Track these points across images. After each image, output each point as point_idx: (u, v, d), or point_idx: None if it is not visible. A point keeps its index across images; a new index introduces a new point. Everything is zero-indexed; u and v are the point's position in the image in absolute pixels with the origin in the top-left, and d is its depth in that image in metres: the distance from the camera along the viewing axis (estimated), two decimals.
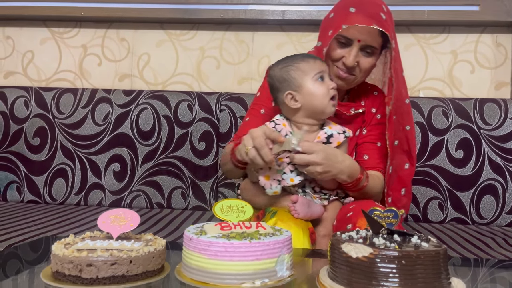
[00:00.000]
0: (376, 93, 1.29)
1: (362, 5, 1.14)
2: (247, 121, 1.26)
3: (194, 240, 0.69)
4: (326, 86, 1.09)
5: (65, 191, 1.75)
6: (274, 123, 1.12)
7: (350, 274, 0.64)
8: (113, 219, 0.76)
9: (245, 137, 1.02)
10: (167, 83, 1.96)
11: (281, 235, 0.73)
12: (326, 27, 1.18)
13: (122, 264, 0.66)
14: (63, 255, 0.67)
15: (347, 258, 0.64)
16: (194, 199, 1.73)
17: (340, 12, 1.17)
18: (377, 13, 1.13)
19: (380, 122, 1.24)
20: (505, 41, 1.84)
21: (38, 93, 1.82)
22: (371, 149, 1.23)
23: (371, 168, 1.20)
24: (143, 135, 1.75)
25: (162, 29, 1.96)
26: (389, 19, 1.16)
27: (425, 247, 0.64)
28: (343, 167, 1.06)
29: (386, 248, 0.62)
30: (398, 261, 0.60)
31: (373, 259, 0.61)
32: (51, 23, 1.99)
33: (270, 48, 1.92)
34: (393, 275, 0.60)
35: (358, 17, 1.12)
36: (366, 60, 1.16)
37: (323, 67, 1.11)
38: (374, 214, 0.71)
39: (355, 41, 1.14)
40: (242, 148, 1.02)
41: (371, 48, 1.15)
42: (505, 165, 1.62)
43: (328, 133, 1.10)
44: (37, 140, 1.78)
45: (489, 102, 1.67)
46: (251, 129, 1.03)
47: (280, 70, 1.12)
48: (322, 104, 1.08)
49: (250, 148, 0.99)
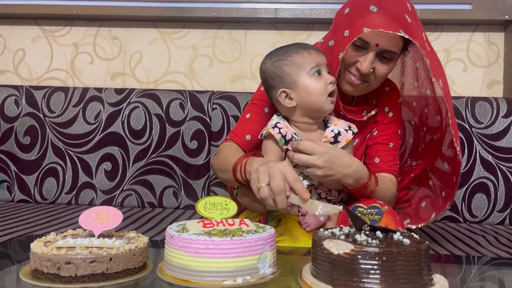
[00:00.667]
0: (388, 88, 1.16)
1: (384, 2, 0.98)
2: (248, 118, 1.13)
3: (176, 237, 0.69)
4: (323, 81, 0.98)
5: (56, 190, 1.74)
6: (278, 128, 1.00)
7: (332, 271, 0.63)
8: (95, 217, 0.75)
9: (261, 170, 0.87)
10: (159, 81, 1.95)
11: (264, 232, 0.72)
12: (341, 25, 1.04)
13: (101, 261, 0.66)
14: (42, 253, 0.66)
15: (329, 254, 0.63)
16: (186, 198, 1.72)
17: (358, 9, 1.01)
18: (402, 14, 0.97)
19: (393, 121, 1.14)
20: (498, 39, 1.84)
21: (29, 91, 1.81)
22: (383, 150, 1.13)
23: (383, 171, 1.11)
24: (134, 134, 1.74)
25: (155, 28, 1.95)
26: (415, 21, 1.00)
27: (406, 244, 0.63)
28: (349, 171, 0.96)
29: (367, 245, 0.62)
30: (379, 257, 0.60)
31: (354, 256, 0.61)
32: (42, 22, 1.98)
33: (263, 46, 1.91)
34: (374, 272, 0.60)
35: (381, 19, 0.96)
36: (383, 66, 1.03)
37: (319, 59, 0.99)
38: (358, 211, 0.70)
39: (373, 45, 1.00)
40: (254, 181, 0.88)
41: (390, 53, 1.02)
42: (496, 163, 1.61)
43: (335, 132, 1.02)
44: (27, 139, 1.77)
45: (481, 101, 1.67)
46: (271, 163, 0.88)
47: (272, 65, 1.01)
48: (319, 102, 0.98)
49: (264, 186, 0.86)
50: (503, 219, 1.60)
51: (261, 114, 1.12)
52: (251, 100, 1.17)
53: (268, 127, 1.02)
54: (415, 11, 1.03)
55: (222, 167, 1.06)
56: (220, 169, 1.08)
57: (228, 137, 1.14)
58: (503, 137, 1.62)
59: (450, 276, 0.84)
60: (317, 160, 0.94)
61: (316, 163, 0.94)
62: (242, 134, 1.11)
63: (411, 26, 0.98)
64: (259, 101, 1.14)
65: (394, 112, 1.15)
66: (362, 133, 1.14)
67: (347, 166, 0.96)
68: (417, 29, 1.00)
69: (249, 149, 1.11)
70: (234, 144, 1.11)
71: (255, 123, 1.11)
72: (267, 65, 1.03)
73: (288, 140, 1.00)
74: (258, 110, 1.13)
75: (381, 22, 0.96)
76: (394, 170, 1.13)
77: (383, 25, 0.95)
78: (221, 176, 1.10)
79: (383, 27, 0.95)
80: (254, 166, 0.91)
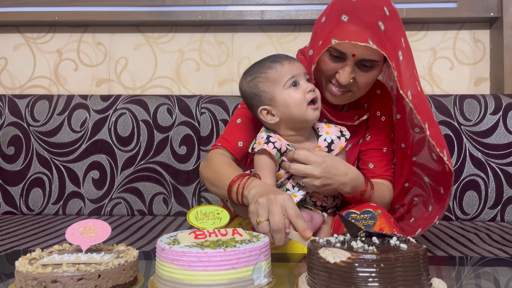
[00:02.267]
0: (379, 91, 1.13)
1: (357, 11, 0.94)
2: (239, 123, 1.09)
3: (167, 250, 0.67)
4: (301, 90, 0.95)
5: (42, 201, 1.70)
6: (272, 143, 0.96)
7: (328, 280, 0.61)
8: (82, 231, 0.72)
9: (261, 201, 0.83)
10: (146, 87, 1.92)
11: (258, 241, 0.70)
12: (317, 34, 1.02)
13: (89, 279, 0.63)
14: (27, 272, 0.63)
15: (325, 263, 0.61)
16: (176, 205, 1.69)
17: (331, 19, 0.98)
18: (375, 22, 0.93)
19: (385, 125, 1.12)
20: (483, 37, 1.86)
21: (12, 100, 1.76)
22: (377, 156, 1.11)
23: (378, 177, 1.09)
24: (122, 141, 1.71)
25: (139, 32, 1.92)
26: (392, 26, 0.95)
27: (404, 249, 0.62)
28: (346, 180, 0.95)
29: (364, 252, 0.61)
30: (377, 264, 0.59)
31: (352, 264, 0.59)
32: (24, 29, 1.94)
33: (250, 49, 1.90)
34: (372, 279, 0.59)
35: (350, 29, 0.93)
36: (365, 75, 0.99)
37: (294, 69, 0.96)
38: (351, 217, 0.69)
39: (349, 55, 0.96)
40: (254, 214, 0.85)
41: (370, 61, 0.97)
42: (486, 160, 1.62)
43: (328, 140, 1.00)
44: (11, 149, 1.73)
45: (469, 98, 1.68)
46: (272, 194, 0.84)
47: (248, 84, 0.99)
48: (301, 113, 0.95)
49: (264, 221, 0.83)
50: (494, 216, 1.61)
51: (252, 118, 1.09)
52: (241, 104, 1.14)
53: (260, 141, 0.98)
54: (396, 14, 0.98)
55: (213, 180, 1.02)
56: (211, 182, 1.03)
57: (218, 144, 1.09)
58: (492, 134, 1.63)
59: (448, 278, 0.84)
60: (314, 170, 0.92)
61: (314, 173, 0.92)
62: (234, 141, 1.07)
63: (384, 34, 0.94)
64: None
65: (386, 116, 1.13)
66: (355, 137, 1.12)
67: (344, 175, 0.95)
68: (392, 37, 0.95)
69: (241, 156, 1.09)
70: (225, 152, 1.07)
71: (247, 129, 1.08)
72: (244, 85, 1.01)
73: (283, 153, 0.98)
74: (249, 114, 1.09)
75: (350, 32, 0.93)
76: (388, 175, 1.11)
77: (351, 36, 0.92)
78: (211, 189, 1.05)
79: (351, 38, 0.92)
80: (252, 194, 0.87)
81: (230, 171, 0.97)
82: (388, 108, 1.13)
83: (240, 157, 1.08)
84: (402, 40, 0.99)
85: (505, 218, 1.60)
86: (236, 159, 1.08)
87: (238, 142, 1.07)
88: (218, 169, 1.01)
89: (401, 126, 1.09)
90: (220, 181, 0.98)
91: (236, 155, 1.08)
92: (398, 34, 0.98)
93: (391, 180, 1.11)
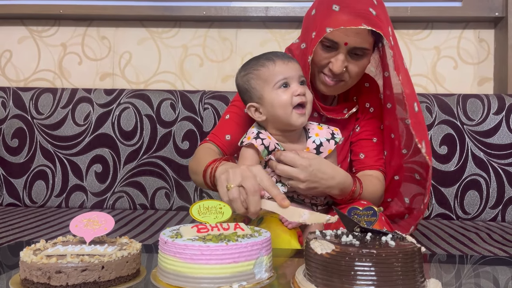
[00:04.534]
0: (367, 84, 1.15)
1: (346, 0, 0.98)
2: (228, 119, 1.11)
3: (169, 243, 0.67)
4: (289, 93, 0.93)
5: (45, 193, 1.71)
6: (261, 139, 0.96)
7: (316, 270, 0.63)
8: (86, 223, 0.73)
9: (232, 171, 0.83)
10: (149, 81, 1.93)
11: (259, 236, 0.71)
12: (309, 27, 1.04)
13: (93, 270, 0.64)
14: (31, 262, 0.64)
15: (314, 254, 0.64)
16: (178, 200, 1.70)
17: (322, 10, 1.01)
18: (366, 8, 0.97)
19: (374, 116, 1.13)
20: (488, 36, 1.85)
21: (16, 93, 1.77)
22: (367, 146, 1.12)
23: (368, 167, 1.10)
24: (125, 135, 1.72)
25: (144, 27, 1.92)
26: (382, 12, 0.99)
27: (391, 246, 0.62)
28: (333, 183, 0.95)
29: (348, 245, 0.62)
30: (358, 258, 0.60)
31: (335, 256, 0.61)
32: (29, 22, 1.94)
33: (253, 45, 1.90)
34: (354, 272, 0.60)
35: (342, 17, 0.96)
36: (357, 63, 1.02)
37: (287, 71, 0.94)
38: (354, 213, 0.70)
39: (342, 44, 0.99)
40: (223, 182, 0.84)
41: (361, 50, 1.00)
42: (488, 160, 1.62)
43: (317, 143, 0.99)
44: (15, 142, 1.74)
45: (472, 98, 1.67)
46: (244, 166, 0.84)
47: (241, 79, 0.99)
48: (285, 115, 0.94)
49: (234, 186, 0.81)
50: (495, 216, 1.61)
51: (240, 115, 1.10)
52: (231, 102, 1.16)
53: (250, 136, 0.98)
54: (383, 4, 1.01)
55: (195, 168, 1.03)
56: (193, 170, 1.05)
57: (207, 138, 1.11)
58: (495, 134, 1.63)
59: (447, 276, 0.84)
60: (300, 173, 0.92)
61: (299, 177, 0.92)
62: (222, 134, 1.09)
63: (376, 18, 0.97)
64: (239, 102, 1.11)
65: (375, 107, 1.14)
66: (345, 131, 1.13)
67: (331, 178, 0.94)
68: (384, 20, 0.99)
69: (229, 150, 1.09)
70: (212, 145, 1.08)
71: (234, 123, 1.09)
72: (238, 79, 1.01)
73: (271, 151, 0.98)
74: (238, 111, 1.11)
75: (343, 20, 0.95)
76: (379, 166, 1.12)
77: (345, 23, 0.95)
78: (194, 178, 1.06)
79: (345, 24, 0.95)
80: (221, 169, 0.88)
81: (210, 158, 0.98)
82: (377, 99, 1.14)
83: (228, 150, 1.09)
84: (389, 29, 1.02)
85: (506, 218, 1.60)
86: (223, 152, 1.09)
87: (225, 135, 1.09)
88: (200, 158, 1.02)
89: (391, 115, 1.10)
90: (198, 167, 0.99)
91: (224, 148, 1.09)
92: (386, 23, 1.01)
93: (383, 170, 1.11)
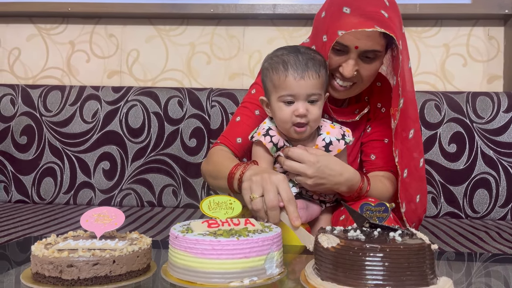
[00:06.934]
0: (379, 83, 1.13)
1: (358, 2, 0.95)
2: (238, 121, 1.10)
3: (180, 238, 0.67)
4: (291, 110, 0.92)
5: (53, 190, 1.72)
6: (270, 136, 0.97)
7: (323, 264, 0.64)
8: (96, 218, 0.73)
9: (255, 179, 0.86)
10: (157, 79, 1.93)
11: (270, 231, 0.70)
12: (319, 29, 1.02)
13: (104, 264, 0.64)
14: (43, 256, 0.64)
15: (321, 248, 0.64)
16: (185, 197, 1.70)
17: (332, 12, 0.98)
18: (377, 11, 0.94)
19: (386, 116, 1.10)
20: (497, 34, 1.83)
21: (25, 90, 1.78)
22: (378, 147, 1.10)
23: (379, 169, 1.09)
24: (132, 133, 1.72)
25: (151, 25, 1.93)
26: (394, 15, 0.96)
27: (398, 242, 0.62)
28: (341, 180, 0.94)
29: (354, 240, 0.62)
30: (362, 253, 0.60)
31: (340, 250, 0.62)
32: (37, 19, 1.95)
33: (261, 43, 1.89)
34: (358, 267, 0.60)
35: (353, 20, 0.93)
36: (368, 66, 0.99)
37: (296, 89, 0.91)
38: (366, 208, 0.69)
39: (352, 47, 0.96)
40: (247, 190, 0.87)
41: (373, 52, 0.98)
42: (498, 158, 1.61)
43: (327, 141, 0.98)
44: (24, 139, 1.75)
45: (482, 96, 1.66)
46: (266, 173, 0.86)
47: (264, 65, 0.98)
48: (285, 128, 0.95)
49: (258, 197, 0.84)
50: (505, 215, 1.60)
51: (251, 117, 1.09)
52: (242, 103, 1.15)
53: (260, 132, 0.99)
54: (395, 5, 0.99)
55: (214, 173, 1.03)
56: (212, 175, 1.04)
57: (218, 141, 1.11)
58: (504, 132, 1.62)
59: (457, 274, 0.83)
60: (307, 169, 0.91)
61: (306, 172, 0.92)
62: (233, 137, 1.09)
63: (389, 20, 0.94)
64: (249, 104, 1.11)
65: (386, 107, 1.11)
66: (356, 131, 1.11)
67: (339, 175, 0.94)
68: (396, 23, 0.96)
69: (241, 153, 1.09)
70: (225, 148, 1.08)
71: (246, 126, 1.09)
72: (264, 63, 1.00)
73: (280, 147, 0.98)
74: (249, 113, 1.10)
75: (354, 23, 0.93)
76: (391, 167, 1.10)
77: (356, 25, 0.92)
78: (212, 183, 1.06)
79: (357, 27, 0.92)
80: (247, 175, 0.89)
81: (230, 162, 0.98)
82: (388, 99, 1.11)
83: (240, 153, 1.09)
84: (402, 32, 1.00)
85: None
86: (235, 155, 1.08)
87: (237, 138, 1.08)
88: (218, 163, 1.02)
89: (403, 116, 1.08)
90: (220, 172, 0.99)
91: (236, 151, 1.08)
92: (399, 24, 0.99)
93: (394, 171, 1.10)
